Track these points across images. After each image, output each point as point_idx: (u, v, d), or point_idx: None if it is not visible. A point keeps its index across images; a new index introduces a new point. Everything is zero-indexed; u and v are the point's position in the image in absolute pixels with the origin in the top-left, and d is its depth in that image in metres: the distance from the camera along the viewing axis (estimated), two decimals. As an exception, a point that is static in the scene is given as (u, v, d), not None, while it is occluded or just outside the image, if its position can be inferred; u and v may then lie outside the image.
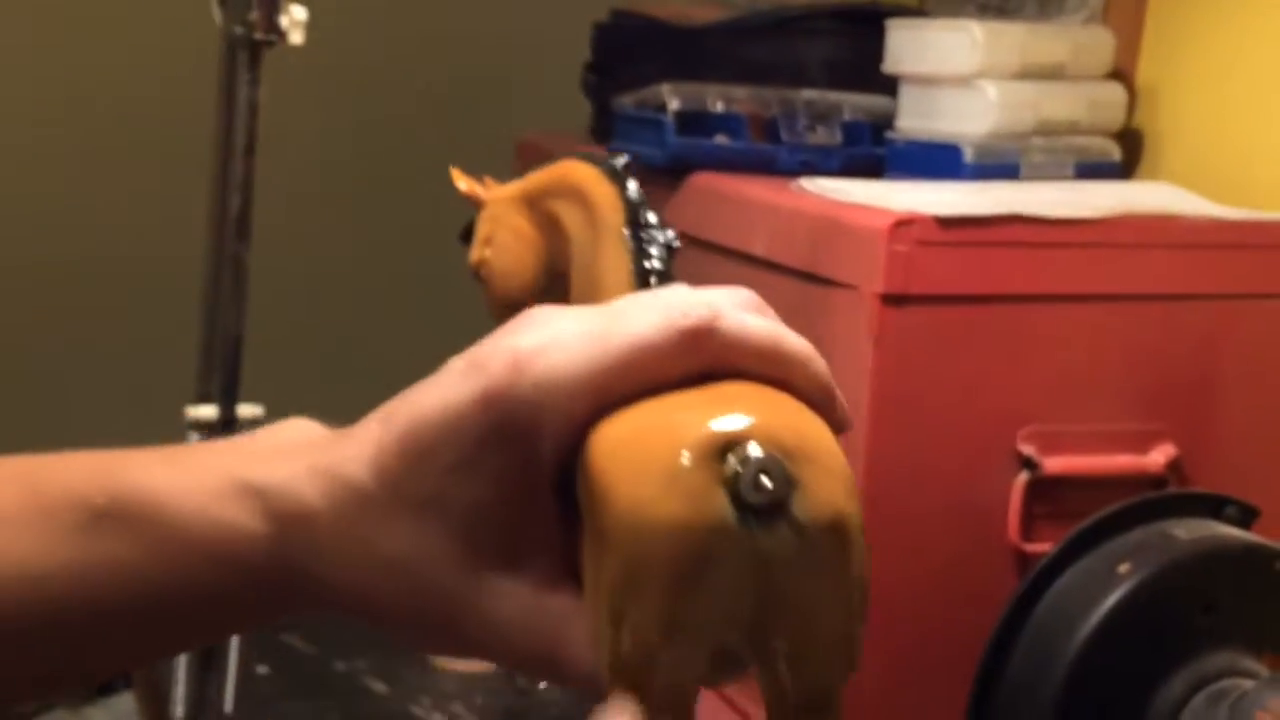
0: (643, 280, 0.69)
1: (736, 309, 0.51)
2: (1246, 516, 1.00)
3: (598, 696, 0.50)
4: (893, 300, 1.04)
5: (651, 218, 0.72)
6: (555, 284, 0.81)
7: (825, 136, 1.29)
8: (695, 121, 1.28)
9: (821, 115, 1.30)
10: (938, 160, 1.23)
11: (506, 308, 0.82)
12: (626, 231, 0.71)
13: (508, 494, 0.50)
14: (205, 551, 0.49)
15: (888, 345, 1.04)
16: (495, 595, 0.50)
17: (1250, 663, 0.94)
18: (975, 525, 1.07)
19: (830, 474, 0.51)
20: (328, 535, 0.49)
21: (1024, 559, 1.05)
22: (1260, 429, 1.14)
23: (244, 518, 0.49)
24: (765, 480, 0.48)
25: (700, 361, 0.50)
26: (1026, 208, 1.08)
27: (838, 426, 0.53)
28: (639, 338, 0.49)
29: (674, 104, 1.27)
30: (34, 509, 0.50)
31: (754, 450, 0.49)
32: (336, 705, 1.32)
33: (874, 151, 1.29)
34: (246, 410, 1.10)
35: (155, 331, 1.60)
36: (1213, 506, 1.00)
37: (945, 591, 1.07)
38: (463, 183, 0.85)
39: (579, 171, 0.76)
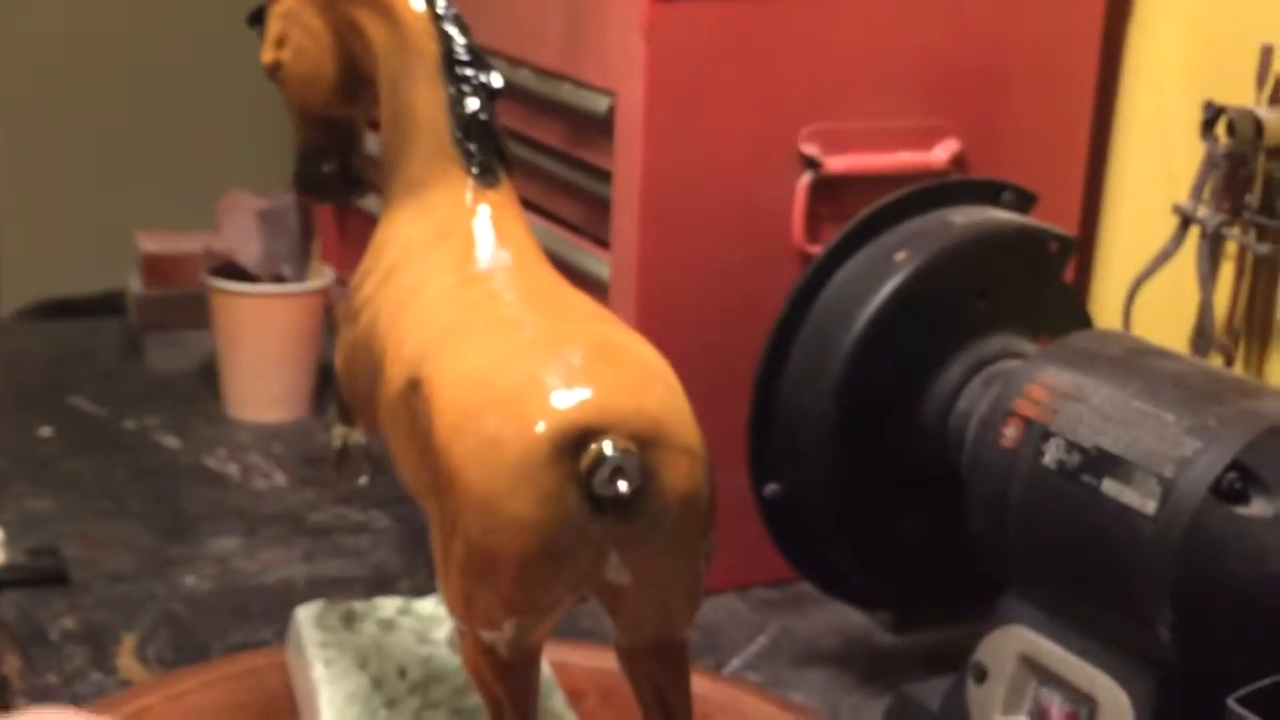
0: (463, 129, 0.67)
1: None
2: (1024, 202, 1.00)
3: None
4: (664, -5, 1.00)
5: (465, 51, 0.69)
6: (360, 91, 0.76)
7: None
8: None
9: None
10: None
11: (307, 118, 0.78)
12: (443, 75, 0.68)
13: None
14: None
15: (661, 42, 1.01)
16: None
17: (1025, 345, 0.95)
18: (759, 228, 1.06)
19: (684, 454, 0.53)
20: None
21: (809, 261, 1.04)
22: (1045, 120, 1.13)
23: None
24: (621, 482, 0.50)
25: None
26: (802, -105, 1.03)
27: None
28: None
29: None
30: None
31: (609, 449, 0.51)
32: (125, 460, 1.29)
33: None
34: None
35: None
36: (991, 193, 0.99)
37: (731, 297, 1.06)
38: None
39: None
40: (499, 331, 0.60)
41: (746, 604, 1.11)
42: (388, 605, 0.89)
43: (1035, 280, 0.96)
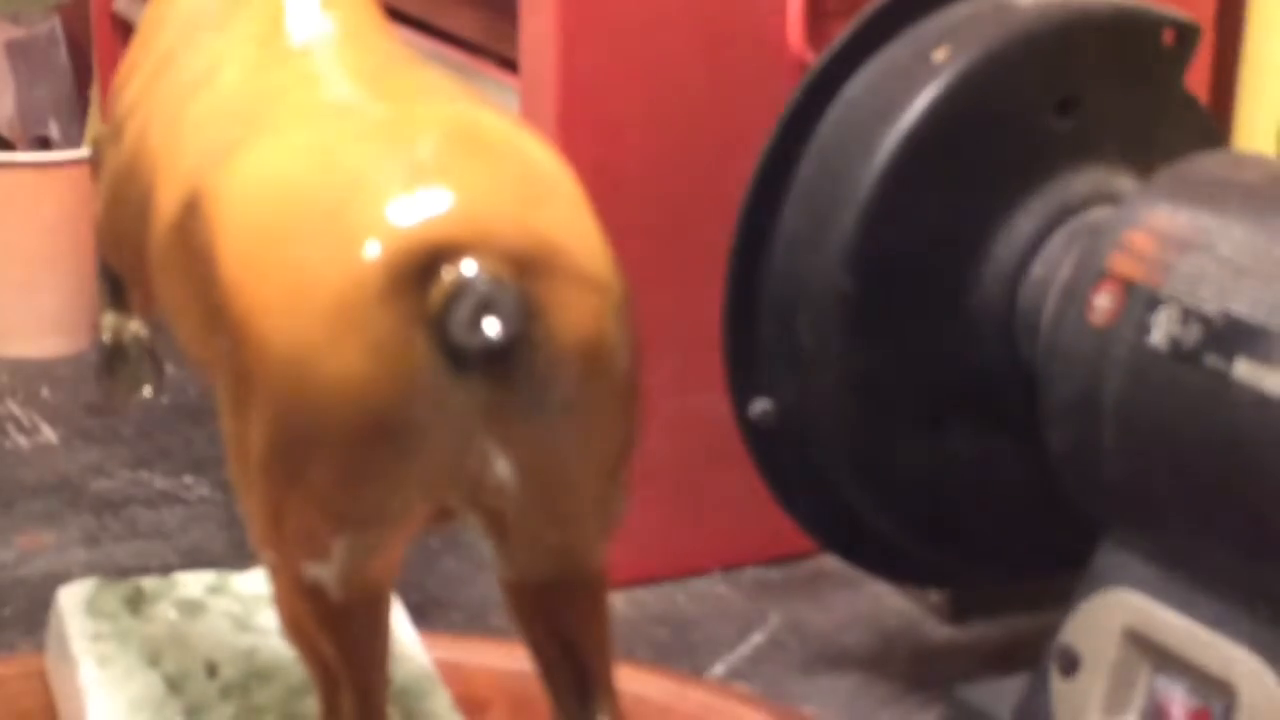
0: None
1: None
2: (1125, -24, 1.01)
3: None
4: None
5: None
6: None
7: None
8: None
9: None
10: None
11: None
12: None
13: None
14: None
15: None
16: None
17: (1127, 182, 0.96)
18: (736, 27, 1.07)
19: (586, 287, 0.53)
20: None
21: (808, 71, 1.05)
22: None
23: None
24: (490, 321, 0.50)
25: None
26: None
27: None
28: None
29: None
30: None
31: (472, 275, 0.50)
32: None
33: None
34: None
35: None
36: (1074, -36, 1.01)
37: (695, 129, 1.08)
38: None
39: None
40: (315, 121, 0.61)
41: (736, 589, 1.13)
42: (193, 582, 0.91)
43: (1142, 88, 0.97)
